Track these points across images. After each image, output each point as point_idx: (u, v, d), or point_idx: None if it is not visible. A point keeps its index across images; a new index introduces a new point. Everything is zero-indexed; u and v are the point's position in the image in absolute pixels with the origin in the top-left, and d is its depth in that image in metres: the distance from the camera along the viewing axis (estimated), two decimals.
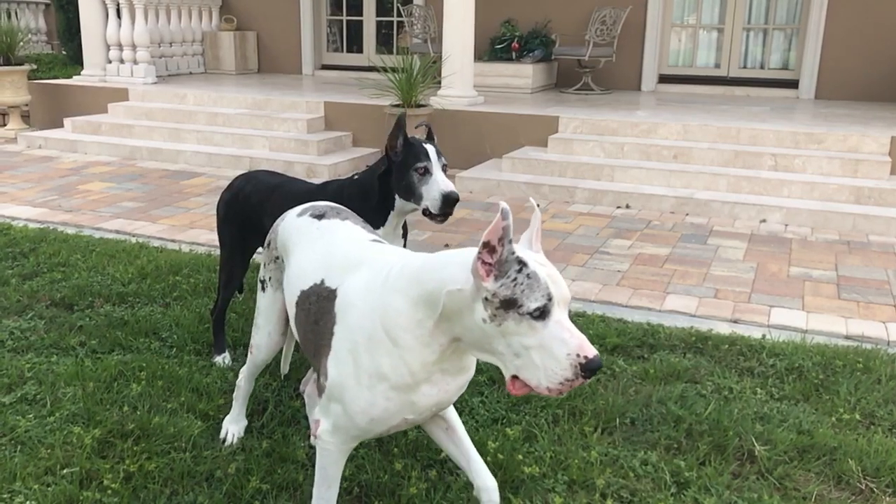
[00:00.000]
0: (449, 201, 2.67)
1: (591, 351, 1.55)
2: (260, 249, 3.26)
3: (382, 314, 1.76)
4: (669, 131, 6.86)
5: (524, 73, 8.97)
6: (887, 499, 2.41)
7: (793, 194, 5.96)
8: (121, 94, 8.94)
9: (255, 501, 2.33)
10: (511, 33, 9.29)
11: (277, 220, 2.36)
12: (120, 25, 9.35)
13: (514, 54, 9.16)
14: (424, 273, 1.72)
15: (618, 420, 2.82)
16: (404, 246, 3.04)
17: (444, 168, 2.75)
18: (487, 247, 1.59)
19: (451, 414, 2.07)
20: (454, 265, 1.68)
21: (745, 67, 9.31)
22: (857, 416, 2.85)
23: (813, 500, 2.39)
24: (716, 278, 4.45)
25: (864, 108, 7.98)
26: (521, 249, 1.64)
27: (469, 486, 2.40)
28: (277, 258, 2.30)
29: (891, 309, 4.01)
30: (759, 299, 4.13)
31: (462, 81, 7.65)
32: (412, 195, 2.74)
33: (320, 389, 1.91)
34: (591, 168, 6.51)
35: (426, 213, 2.75)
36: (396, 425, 1.87)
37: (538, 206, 1.79)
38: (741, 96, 8.97)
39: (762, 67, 9.27)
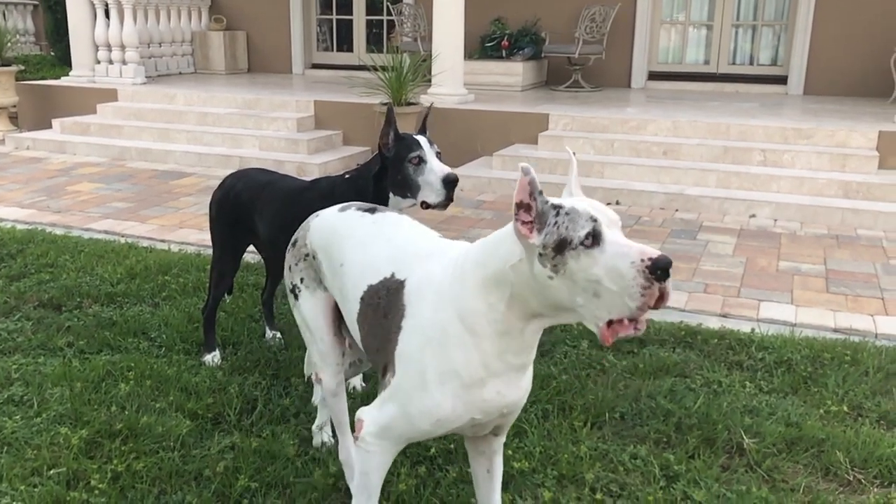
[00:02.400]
0: (449, 183, 2.60)
1: (654, 252, 1.50)
2: (251, 248, 3.27)
3: (457, 304, 1.70)
4: (659, 128, 6.87)
5: (514, 71, 8.97)
6: (875, 490, 2.42)
7: (782, 189, 5.98)
8: (110, 95, 8.90)
9: (244, 500, 2.32)
10: (501, 31, 9.29)
11: (309, 218, 2.25)
12: (108, 26, 9.30)
13: (504, 52, 9.16)
14: (484, 255, 1.69)
15: (607, 415, 2.82)
16: None
17: (439, 156, 2.69)
18: (521, 206, 1.57)
19: (498, 461, 2.02)
20: (508, 239, 1.65)
21: (734, 64, 9.33)
22: (845, 408, 2.87)
23: (801, 491, 2.39)
24: (705, 273, 4.46)
25: (852, 103, 8.02)
26: (562, 196, 1.64)
27: (459, 480, 2.40)
28: (307, 255, 2.19)
29: (878, 302, 4.03)
30: (748, 294, 4.14)
31: (452, 79, 7.65)
32: (409, 188, 2.66)
33: (381, 387, 1.85)
34: (581, 165, 6.52)
35: (425, 205, 2.67)
36: (460, 427, 1.79)
37: (574, 153, 1.78)
38: (731, 92, 8.99)
39: (751, 64, 9.29)
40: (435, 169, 2.63)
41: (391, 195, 2.72)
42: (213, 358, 3.23)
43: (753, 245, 5.03)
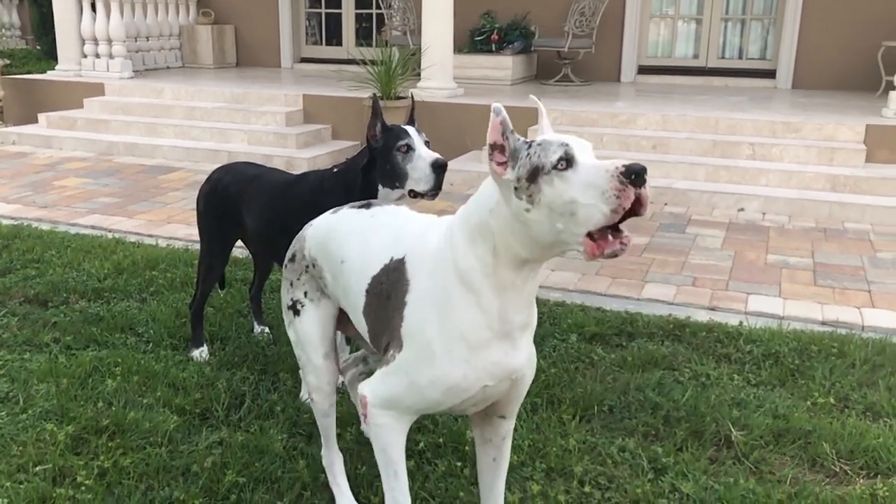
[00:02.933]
0: (438, 168, 2.60)
1: (626, 161, 1.51)
2: (239, 243, 3.25)
3: (453, 265, 1.70)
4: (648, 122, 6.88)
5: (504, 65, 8.96)
6: (861, 481, 2.43)
7: (770, 183, 6.00)
8: (96, 89, 8.83)
9: (232, 495, 2.31)
10: (490, 25, 9.27)
11: (303, 229, 2.22)
12: (95, 20, 9.22)
13: (493, 46, 9.14)
14: (468, 210, 1.71)
15: (596, 408, 2.82)
16: None
17: (427, 145, 2.68)
18: (495, 147, 1.60)
19: (506, 450, 2.00)
20: (486, 187, 1.68)
21: (723, 58, 9.35)
22: (832, 400, 2.88)
23: (788, 483, 2.41)
24: (694, 266, 4.47)
25: (840, 97, 8.05)
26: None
27: (447, 474, 2.40)
28: (308, 266, 2.14)
29: (865, 294, 4.06)
30: (736, 287, 4.16)
31: (442, 73, 7.63)
32: (398, 178, 2.65)
33: (385, 362, 1.82)
34: None
35: (413, 195, 2.66)
36: (472, 398, 1.76)
37: (538, 99, 1.81)
38: (720, 86, 9.01)
39: (740, 58, 9.32)
40: (423, 155, 2.62)
41: (380, 187, 2.71)
42: (200, 353, 3.21)
43: (742, 238, 5.05)
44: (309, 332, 2.14)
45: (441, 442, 2.56)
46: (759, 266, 4.50)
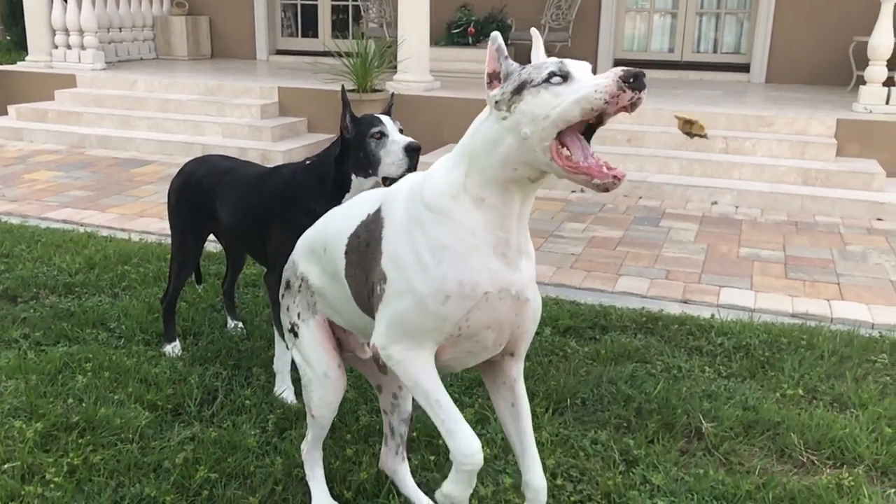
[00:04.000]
0: (412, 151, 2.62)
1: (631, 69, 1.50)
2: (211, 237, 3.23)
3: (422, 195, 1.72)
4: (623, 115, 6.88)
5: (481, 58, 8.93)
6: (828, 470, 2.48)
7: (743, 176, 6.06)
8: (68, 81, 8.69)
9: (204, 491, 2.30)
10: (467, 18, 9.26)
11: (290, 258, 2.21)
12: (66, 10, 9.07)
13: (470, 39, 9.14)
14: (461, 145, 1.71)
15: (569, 400, 2.84)
16: None
17: (401, 132, 2.69)
18: (493, 76, 1.65)
19: (521, 390, 1.92)
20: (476, 121, 1.70)
21: (698, 52, 9.42)
22: (801, 392, 2.93)
23: (757, 473, 2.44)
24: (667, 260, 4.51)
25: (812, 91, 8.15)
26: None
27: (420, 468, 2.41)
28: (300, 287, 2.11)
29: (834, 287, 4.12)
30: (709, 280, 4.20)
31: (418, 66, 7.60)
32: (370, 164, 2.66)
33: (376, 301, 1.78)
34: None
35: (387, 181, 2.65)
36: (479, 310, 1.69)
37: (536, 31, 1.82)
38: (695, 80, 9.08)
39: (715, 52, 9.39)
40: (397, 139, 2.64)
41: (353, 177, 2.72)
42: (173, 348, 3.19)
43: (715, 232, 5.10)
44: (309, 345, 2.10)
45: (414, 436, 2.57)
46: (732, 259, 4.55)
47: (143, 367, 3.00)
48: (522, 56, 9.49)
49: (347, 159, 2.71)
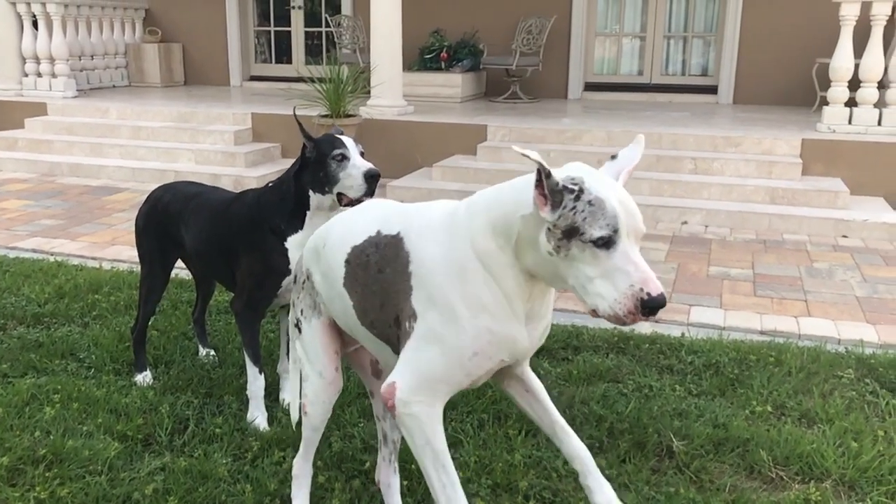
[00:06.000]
0: (371, 178, 2.68)
1: (656, 288, 1.51)
2: (180, 263, 3.22)
3: (471, 243, 1.68)
4: (594, 138, 7.01)
5: (453, 83, 9.04)
6: (796, 486, 2.51)
7: (712, 196, 6.16)
8: (39, 109, 8.64)
9: None
10: (440, 43, 9.36)
11: (298, 257, 2.22)
12: (36, 38, 9.04)
13: (443, 64, 9.23)
14: (505, 193, 1.68)
15: None
16: None
17: (362, 155, 2.75)
18: (542, 171, 1.56)
19: (530, 375, 1.95)
20: (522, 191, 1.65)
21: (667, 74, 9.60)
22: (769, 408, 2.97)
23: (727, 490, 2.47)
24: None
25: (778, 111, 8.32)
26: (600, 177, 1.59)
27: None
28: (304, 282, 2.12)
29: (802, 304, 4.19)
30: (679, 299, 4.25)
31: (391, 91, 7.66)
32: (328, 182, 2.71)
33: (403, 336, 1.75)
34: (519, 175, 6.59)
35: (344, 200, 2.71)
36: (487, 372, 1.74)
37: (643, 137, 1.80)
38: (664, 102, 9.23)
39: (683, 74, 9.57)
40: (357, 164, 2.70)
41: (311, 193, 2.75)
42: (144, 378, 3.16)
43: (685, 251, 5.17)
44: (310, 343, 2.12)
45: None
46: (702, 278, 4.62)
47: (114, 398, 2.97)
48: (496, 81, 9.60)
49: (306, 175, 2.75)
